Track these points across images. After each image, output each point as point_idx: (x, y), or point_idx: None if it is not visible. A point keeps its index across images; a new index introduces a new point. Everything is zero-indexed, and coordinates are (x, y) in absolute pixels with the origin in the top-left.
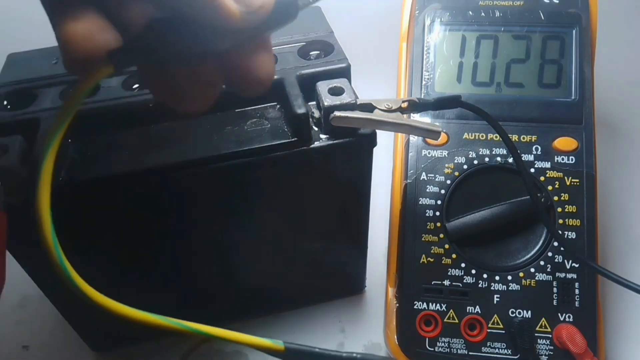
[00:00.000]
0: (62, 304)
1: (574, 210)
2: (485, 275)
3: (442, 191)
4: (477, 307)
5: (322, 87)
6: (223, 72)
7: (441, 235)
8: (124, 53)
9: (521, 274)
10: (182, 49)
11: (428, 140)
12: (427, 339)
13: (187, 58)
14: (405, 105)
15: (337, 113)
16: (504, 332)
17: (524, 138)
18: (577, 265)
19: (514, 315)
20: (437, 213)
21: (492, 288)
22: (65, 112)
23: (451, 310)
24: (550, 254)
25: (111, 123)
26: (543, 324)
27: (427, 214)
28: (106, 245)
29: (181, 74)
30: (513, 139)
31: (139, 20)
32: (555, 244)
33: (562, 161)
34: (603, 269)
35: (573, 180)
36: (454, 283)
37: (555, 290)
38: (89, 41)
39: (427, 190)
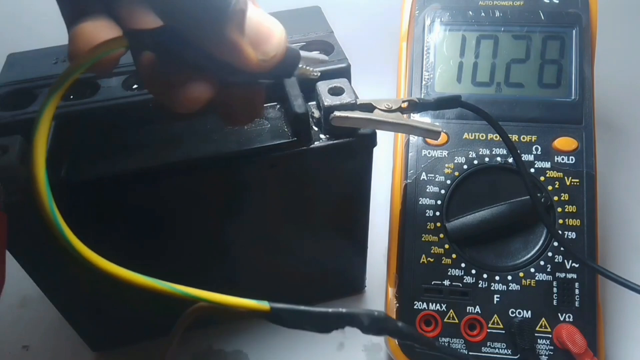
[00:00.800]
0: (62, 304)
1: (574, 210)
2: (485, 275)
3: (442, 191)
4: (477, 307)
5: (322, 87)
6: (216, 93)
7: (441, 235)
8: (139, 34)
9: (521, 274)
10: (188, 61)
11: (428, 140)
12: None
13: (190, 67)
14: (405, 105)
15: (337, 113)
16: (504, 332)
17: (523, 138)
18: (577, 265)
19: (514, 315)
20: (437, 213)
21: (492, 288)
22: (71, 70)
23: (451, 310)
24: (550, 254)
25: (111, 123)
26: (543, 324)
27: (427, 214)
28: (105, 244)
29: (179, 76)
30: (513, 139)
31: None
32: (555, 244)
33: (562, 161)
34: (603, 268)
35: (573, 180)
36: (454, 283)
37: (555, 290)
38: (92, 35)
39: (427, 190)
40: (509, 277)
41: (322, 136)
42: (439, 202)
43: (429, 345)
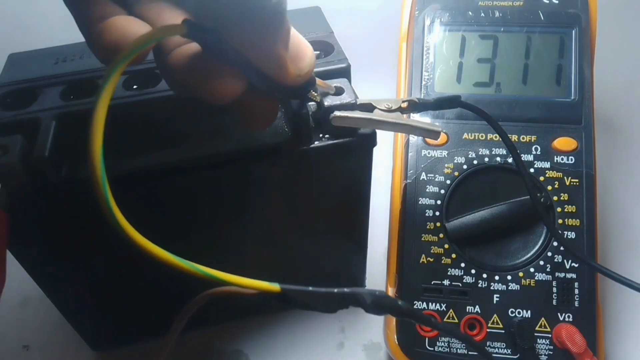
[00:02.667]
0: (62, 303)
1: (574, 210)
2: (484, 275)
3: (442, 191)
4: (477, 306)
5: None
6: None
7: (441, 235)
8: (199, 26)
9: (521, 274)
10: (228, 60)
11: (428, 140)
12: (426, 339)
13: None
14: (405, 105)
15: (337, 113)
16: (503, 331)
17: (523, 138)
18: (576, 265)
19: (513, 315)
20: (437, 213)
21: (491, 288)
22: (130, 50)
23: (451, 310)
24: (549, 253)
25: (111, 123)
26: (543, 324)
27: (427, 214)
28: (104, 245)
29: (219, 70)
30: (512, 139)
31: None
32: (555, 243)
33: (561, 161)
34: (603, 267)
35: (572, 180)
36: (453, 283)
37: (554, 290)
38: (125, 27)
39: (427, 190)
40: (509, 277)
41: (322, 136)
42: (438, 202)
43: (426, 323)
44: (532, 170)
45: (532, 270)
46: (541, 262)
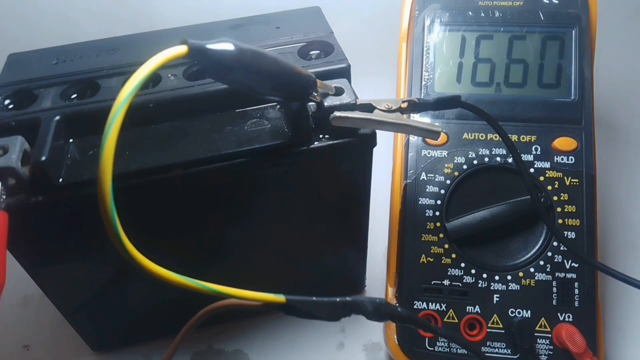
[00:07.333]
0: (62, 303)
1: (574, 210)
2: (485, 275)
3: (442, 191)
4: (477, 306)
5: None
6: None
7: (441, 235)
8: (197, 46)
9: (521, 274)
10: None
11: (428, 140)
12: (426, 339)
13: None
14: (405, 105)
15: (337, 113)
16: (503, 331)
17: (523, 138)
18: (576, 265)
19: (513, 315)
20: (437, 213)
21: (491, 288)
22: (138, 77)
23: (451, 310)
24: (549, 253)
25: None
26: (543, 324)
27: (427, 214)
28: (104, 245)
29: None
30: (513, 139)
31: None
32: (555, 243)
33: (561, 161)
34: (604, 265)
35: (572, 180)
36: (453, 283)
37: (554, 290)
38: None
39: (427, 190)
40: (509, 277)
41: (322, 136)
42: (438, 202)
43: (425, 328)
44: (532, 170)
45: (532, 270)
46: (541, 262)
